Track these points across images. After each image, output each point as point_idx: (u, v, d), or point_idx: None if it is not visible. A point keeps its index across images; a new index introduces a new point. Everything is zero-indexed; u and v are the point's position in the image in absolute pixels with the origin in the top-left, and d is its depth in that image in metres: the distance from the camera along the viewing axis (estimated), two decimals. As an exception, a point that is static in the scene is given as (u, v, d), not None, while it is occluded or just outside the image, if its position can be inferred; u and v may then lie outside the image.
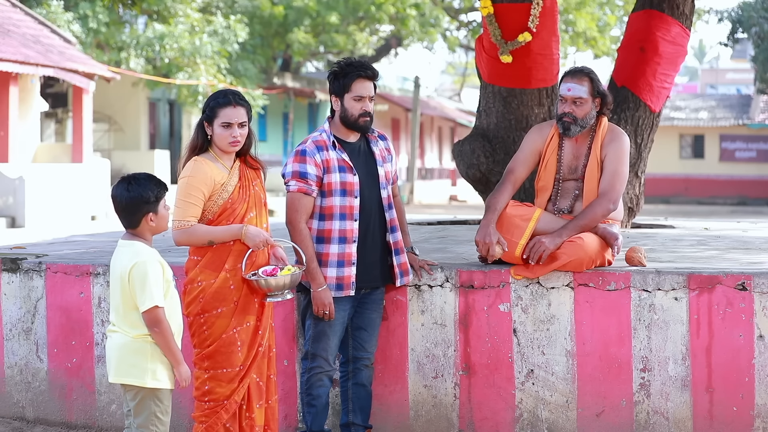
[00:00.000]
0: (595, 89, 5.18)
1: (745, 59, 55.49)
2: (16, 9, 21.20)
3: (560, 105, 5.19)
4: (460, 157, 8.58)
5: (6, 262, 5.79)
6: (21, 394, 5.80)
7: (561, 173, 5.24)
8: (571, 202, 5.23)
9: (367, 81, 4.86)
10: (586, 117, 5.18)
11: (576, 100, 5.14)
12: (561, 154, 5.25)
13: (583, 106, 5.15)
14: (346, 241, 4.84)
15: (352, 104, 4.85)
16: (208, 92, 23.80)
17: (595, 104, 5.19)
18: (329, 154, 4.83)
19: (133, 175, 4.36)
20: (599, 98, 5.20)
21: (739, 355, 5.00)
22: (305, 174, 4.79)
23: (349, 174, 4.84)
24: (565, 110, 5.16)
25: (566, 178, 5.24)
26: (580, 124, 5.17)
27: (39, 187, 18.98)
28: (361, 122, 4.87)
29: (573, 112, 5.15)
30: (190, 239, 4.58)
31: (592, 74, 5.21)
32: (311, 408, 4.95)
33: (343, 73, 4.85)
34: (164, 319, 4.25)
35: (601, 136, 5.21)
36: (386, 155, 5.02)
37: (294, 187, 4.80)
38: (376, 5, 28.18)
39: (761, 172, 39.78)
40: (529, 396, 5.19)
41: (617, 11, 31.18)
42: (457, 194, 39.96)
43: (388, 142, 5.08)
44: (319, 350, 4.90)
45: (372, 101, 4.89)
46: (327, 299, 4.80)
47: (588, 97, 5.16)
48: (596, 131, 5.23)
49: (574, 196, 5.23)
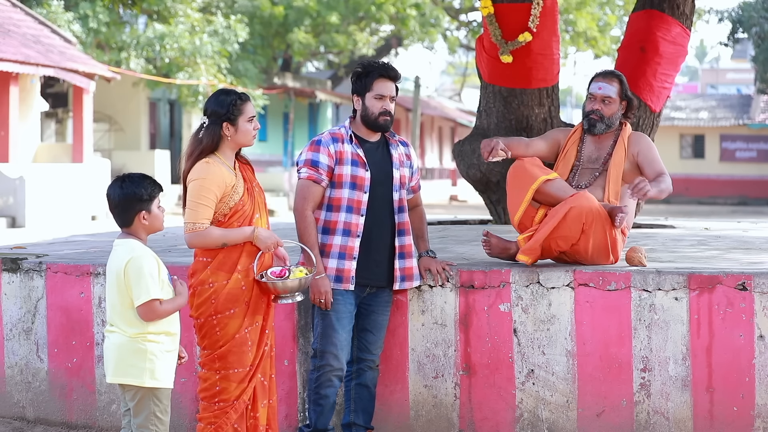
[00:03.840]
0: (624, 92, 5.39)
1: (745, 59, 55.49)
2: (16, 9, 21.20)
3: (588, 103, 5.39)
4: (460, 157, 8.59)
5: (6, 262, 5.79)
6: (21, 394, 5.80)
7: (580, 162, 5.39)
8: (590, 179, 5.36)
9: (388, 81, 4.91)
10: (613, 117, 5.37)
11: (605, 98, 5.34)
12: (581, 147, 5.43)
13: (611, 106, 5.35)
14: (350, 234, 4.86)
15: (372, 102, 4.89)
16: (209, 92, 23.80)
17: (621, 106, 5.39)
18: (344, 146, 4.88)
19: (128, 174, 4.37)
20: (626, 101, 5.40)
21: (740, 355, 5.00)
22: (317, 162, 4.84)
23: (361, 168, 4.87)
24: (594, 107, 5.37)
25: (584, 166, 5.40)
26: (606, 122, 5.36)
27: (39, 187, 18.99)
28: (381, 121, 4.91)
29: (601, 109, 5.35)
30: (204, 242, 4.57)
31: (622, 78, 5.43)
32: (318, 407, 4.95)
33: (366, 72, 4.91)
34: (161, 309, 4.25)
35: (626, 136, 5.39)
36: (404, 160, 5.05)
37: (304, 175, 4.86)
38: (376, 5, 28.19)
39: (762, 172, 39.78)
40: (530, 396, 5.19)
41: (617, 11, 31.18)
42: (457, 194, 39.95)
43: (409, 149, 5.11)
44: (328, 346, 4.90)
45: (393, 101, 4.94)
46: (324, 287, 4.82)
47: (616, 98, 5.36)
48: (620, 133, 5.41)
49: (592, 177, 5.36)
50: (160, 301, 4.27)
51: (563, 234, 5.08)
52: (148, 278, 4.24)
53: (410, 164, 5.08)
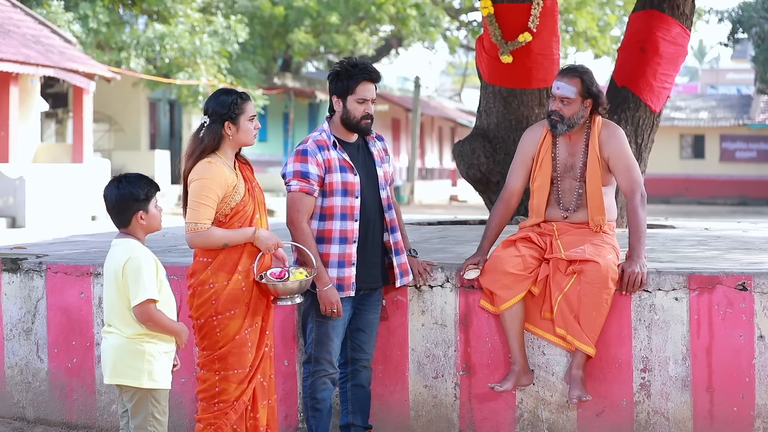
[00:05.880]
0: (586, 90, 5.10)
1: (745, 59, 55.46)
2: (16, 9, 21.20)
3: (550, 102, 5.17)
4: (460, 157, 8.58)
5: (6, 262, 5.78)
6: (21, 394, 5.80)
7: (557, 171, 5.20)
8: (576, 202, 5.18)
9: (370, 83, 4.85)
10: (574, 117, 5.11)
11: (563, 99, 5.10)
12: (556, 152, 5.21)
13: (571, 106, 5.10)
14: (346, 241, 4.83)
15: (355, 106, 4.83)
16: (209, 92, 23.79)
17: (585, 105, 5.12)
18: (330, 153, 4.81)
19: (124, 174, 4.37)
20: (591, 99, 5.12)
21: (740, 356, 5.00)
22: (307, 174, 4.76)
23: (350, 174, 4.83)
24: (553, 108, 5.14)
25: (563, 177, 5.21)
26: (567, 123, 5.12)
27: (39, 187, 18.99)
28: (363, 124, 4.86)
29: (560, 110, 5.11)
30: (206, 242, 4.56)
31: (585, 75, 5.13)
32: (316, 412, 4.92)
33: (348, 74, 4.82)
34: (156, 312, 4.24)
35: (597, 134, 5.16)
36: (384, 156, 5.01)
37: (296, 187, 4.77)
38: (376, 5, 28.18)
39: (761, 172, 39.77)
40: (530, 396, 5.19)
41: (617, 11, 31.17)
42: (457, 194, 39.96)
43: (385, 143, 5.07)
44: (323, 353, 4.88)
45: (374, 103, 4.90)
46: (334, 297, 4.78)
47: (576, 98, 5.09)
48: (591, 129, 5.18)
49: (576, 195, 5.18)
50: (155, 301, 4.26)
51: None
52: (146, 278, 4.23)
53: (388, 159, 5.04)
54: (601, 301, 4.94)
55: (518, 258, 5.05)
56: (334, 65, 4.92)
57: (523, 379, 5.10)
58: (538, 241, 5.13)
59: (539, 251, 5.11)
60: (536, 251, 5.10)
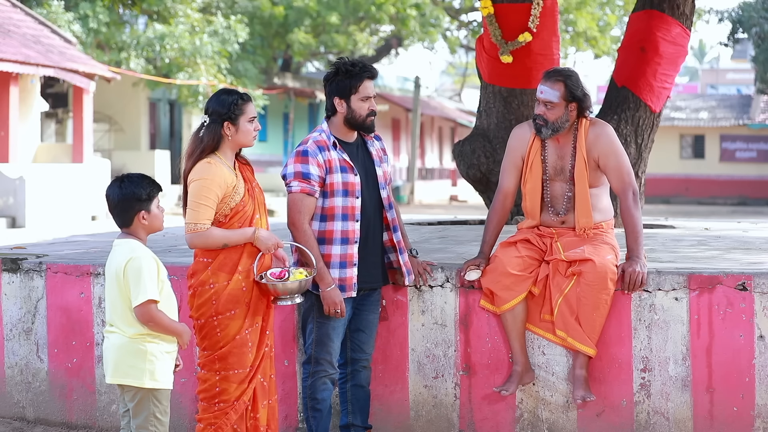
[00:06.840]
0: (570, 94, 5.05)
1: (745, 59, 55.47)
2: (16, 9, 21.21)
3: (535, 106, 5.15)
4: (460, 157, 8.58)
5: (6, 262, 5.78)
6: (21, 394, 5.80)
7: (547, 174, 5.17)
8: (566, 205, 5.16)
9: (370, 80, 4.87)
10: (558, 120, 5.07)
11: (547, 103, 5.06)
12: (545, 155, 5.18)
13: (554, 110, 5.06)
14: (348, 242, 4.83)
15: (359, 105, 4.83)
16: (209, 92, 23.80)
17: (569, 108, 5.07)
18: (331, 154, 4.81)
19: (127, 174, 4.37)
20: (575, 102, 5.08)
21: (740, 356, 5.00)
22: (308, 174, 4.75)
23: (350, 174, 4.83)
24: (537, 112, 5.11)
25: (553, 179, 5.18)
26: (551, 127, 5.08)
27: (39, 187, 18.99)
28: (368, 122, 4.87)
29: (544, 114, 5.08)
30: (206, 243, 4.56)
31: (569, 79, 5.08)
32: (316, 413, 4.91)
33: (349, 74, 4.82)
34: (157, 313, 4.24)
35: (584, 136, 5.12)
36: (382, 155, 5.02)
37: (297, 188, 4.76)
38: (376, 5, 28.18)
39: (762, 172, 39.77)
40: (530, 396, 5.19)
41: (617, 11, 31.16)
42: (457, 194, 39.95)
43: (382, 142, 5.08)
44: (323, 354, 4.88)
45: (374, 99, 4.92)
46: (338, 297, 4.77)
47: (560, 102, 5.04)
48: (578, 130, 5.14)
49: (566, 198, 5.15)
50: (156, 302, 4.26)
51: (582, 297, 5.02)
52: (147, 279, 4.23)
53: (387, 159, 5.04)
54: (600, 301, 4.94)
55: (519, 259, 5.05)
56: (330, 67, 4.91)
57: (526, 378, 5.12)
58: (537, 243, 5.13)
59: (539, 252, 5.11)
60: (536, 252, 5.11)
